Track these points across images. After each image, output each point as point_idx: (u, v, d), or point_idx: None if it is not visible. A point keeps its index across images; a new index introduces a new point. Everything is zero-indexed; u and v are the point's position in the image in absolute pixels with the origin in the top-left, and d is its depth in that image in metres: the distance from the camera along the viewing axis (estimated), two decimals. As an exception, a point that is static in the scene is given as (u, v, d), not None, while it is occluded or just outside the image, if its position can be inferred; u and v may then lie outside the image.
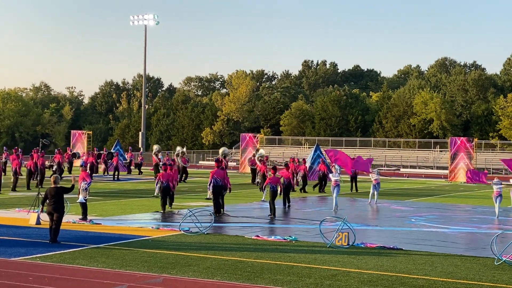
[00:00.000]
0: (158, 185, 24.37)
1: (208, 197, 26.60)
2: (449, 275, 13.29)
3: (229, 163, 45.12)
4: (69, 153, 48.20)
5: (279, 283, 12.14)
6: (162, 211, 23.35)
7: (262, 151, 45.11)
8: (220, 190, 23.14)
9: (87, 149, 55.06)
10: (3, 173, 32.49)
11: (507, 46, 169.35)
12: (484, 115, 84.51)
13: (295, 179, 32.98)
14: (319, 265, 13.97)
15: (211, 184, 23.15)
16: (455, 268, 14.09)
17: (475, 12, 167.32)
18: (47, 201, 16.60)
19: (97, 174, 44.93)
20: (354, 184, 36.56)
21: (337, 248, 16.23)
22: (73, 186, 17.54)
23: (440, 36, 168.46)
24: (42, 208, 17.16)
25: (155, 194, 27.82)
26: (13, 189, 31.06)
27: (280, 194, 25.05)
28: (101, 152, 49.06)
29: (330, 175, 27.46)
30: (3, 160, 37.40)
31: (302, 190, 35.01)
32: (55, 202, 16.47)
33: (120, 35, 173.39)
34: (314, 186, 36.18)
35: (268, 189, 23.74)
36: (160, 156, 42.54)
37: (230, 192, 24.15)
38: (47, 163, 40.05)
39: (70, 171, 44.52)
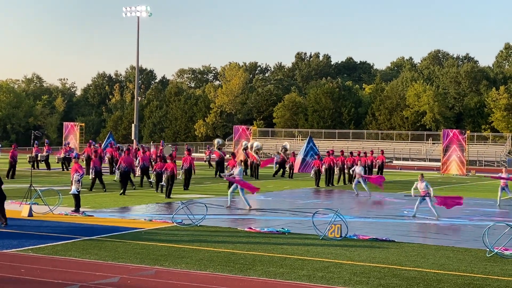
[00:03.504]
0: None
1: (115, 179, 30.99)
2: (441, 266, 13.34)
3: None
4: (114, 148, 45.67)
5: (272, 275, 12.16)
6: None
7: (257, 143, 45.29)
8: (127, 174, 27.66)
9: (79, 141, 54.98)
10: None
11: (500, 39, 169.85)
12: (476, 108, 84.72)
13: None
14: (311, 257, 14.00)
15: (120, 169, 27.99)
16: (447, 259, 14.14)
17: (468, 5, 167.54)
18: None
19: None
20: (318, 178, 36.28)
21: (329, 240, 16.26)
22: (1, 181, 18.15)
23: (433, 29, 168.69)
24: None
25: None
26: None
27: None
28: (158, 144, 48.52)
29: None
30: (44, 153, 41.40)
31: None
32: None
33: (112, 27, 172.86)
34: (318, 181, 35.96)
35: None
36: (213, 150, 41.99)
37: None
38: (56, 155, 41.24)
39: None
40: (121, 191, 27.05)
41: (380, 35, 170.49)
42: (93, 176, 28.40)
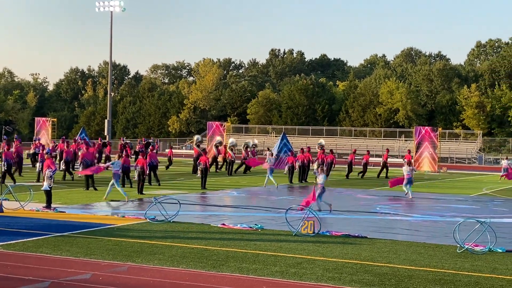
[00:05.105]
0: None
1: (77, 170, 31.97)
2: (413, 262, 13.47)
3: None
4: (141, 143, 44.32)
5: (245, 271, 12.17)
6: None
7: (232, 139, 45.38)
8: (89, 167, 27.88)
9: (52, 136, 54.48)
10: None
11: (471, 37, 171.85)
12: (448, 105, 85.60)
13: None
14: (284, 253, 14.04)
15: (82, 164, 29.40)
16: (418, 255, 14.28)
17: (441, 3, 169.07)
18: None
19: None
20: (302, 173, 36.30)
21: (302, 237, 16.32)
22: None
23: (406, 26, 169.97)
24: None
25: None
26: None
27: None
28: (149, 141, 47.81)
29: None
30: (31, 151, 40.68)
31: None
32: None
33: (85, 22, 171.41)
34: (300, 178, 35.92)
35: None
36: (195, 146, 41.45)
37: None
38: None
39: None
40: (85, 187, 26.98)
41: (354, 33, 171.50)
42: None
